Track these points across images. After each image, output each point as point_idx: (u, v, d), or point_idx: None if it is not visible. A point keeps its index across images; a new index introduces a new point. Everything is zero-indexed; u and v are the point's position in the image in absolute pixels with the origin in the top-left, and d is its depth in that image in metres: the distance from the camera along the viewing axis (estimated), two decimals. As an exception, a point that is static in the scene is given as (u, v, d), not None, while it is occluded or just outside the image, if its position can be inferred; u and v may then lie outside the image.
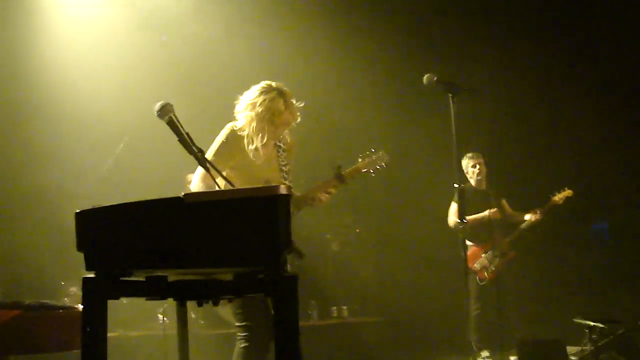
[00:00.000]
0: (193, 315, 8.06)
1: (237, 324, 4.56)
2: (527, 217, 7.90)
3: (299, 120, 4.64)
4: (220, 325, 7.94)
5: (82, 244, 2.51)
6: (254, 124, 4.47)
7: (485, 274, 7.71)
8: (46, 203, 8.00)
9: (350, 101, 9.40)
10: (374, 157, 5.22)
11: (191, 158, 3.79)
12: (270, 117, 4.47)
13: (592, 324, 6.12)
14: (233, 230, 2.46)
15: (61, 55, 8.45)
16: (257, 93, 4.52)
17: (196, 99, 8.20)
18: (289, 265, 3.84)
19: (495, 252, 7.78)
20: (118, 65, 8.60)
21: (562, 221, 8.90)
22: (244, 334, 4.51)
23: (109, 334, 2.55)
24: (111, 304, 6.66)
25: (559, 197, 7.88)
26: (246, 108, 4.51)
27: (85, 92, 8.50)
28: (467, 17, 9.53)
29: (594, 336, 6.05)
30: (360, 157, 5.19)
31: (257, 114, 4.46)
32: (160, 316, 8.19)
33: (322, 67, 9.17)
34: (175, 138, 3.72)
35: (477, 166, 7.90)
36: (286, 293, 2.52)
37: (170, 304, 8.11)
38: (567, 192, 7.91)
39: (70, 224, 2.57)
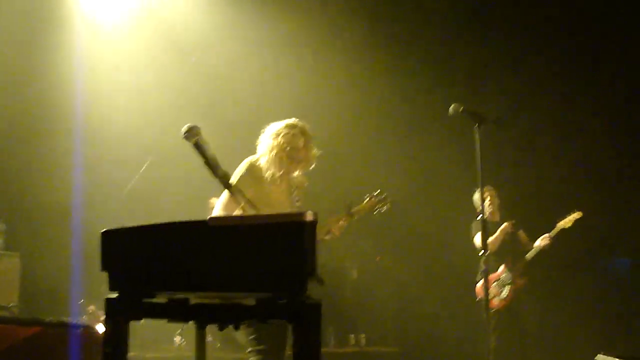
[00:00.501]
0: (210, 338, 8.05)
1: (250, 348, 4.59)
2: (536, 243, 7.79)
3: (313, 165, 4.88)
4: (237, 349, 7.91)
5: (106, 264, 2.51)
6: (274, 152, 4.67)
7: (496, 302, 7.61)
8: (67, 220, 8.04)
9: (373, 129, 9.42)
10: (376, 199, 5.79)
11: (213, 181, 3.82)
12: (290, 150, 4.69)
13: (615, 360, 6.01)
14: (258, 256, 2.45)
15: (90, 73, 8.51)
16: (283, 125, 4.76)
17: (220, 120, 8.24)
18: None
19: (506, 280, 7.70)
20: (146, 85, 8.68)
21: (585, 252, 8.82)
22: (256, 358, 4.54)
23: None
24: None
25: (565, 221, 7.76)
26: (270, 136, 4.73)
27: (111, 111, 8.59)
28: (488, 43, 9.52)
29: (617, 375, 5.94)
30: (367, 197, 5.76)
31: (279, 144, 4.68)
32: (177, 337, 8.23)
33: (346, 93, 9.20)
34: (201, 161, 3.75)
35: (489, 198, 7.82)
36: (309, 321, 2.50)
37: (188, 326, 8.15)
38: (576, 214, 7.75)
39: (91, 241, 2.57)
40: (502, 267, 7.71)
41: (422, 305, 9.33)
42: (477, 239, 7.65)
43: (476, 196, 7.80)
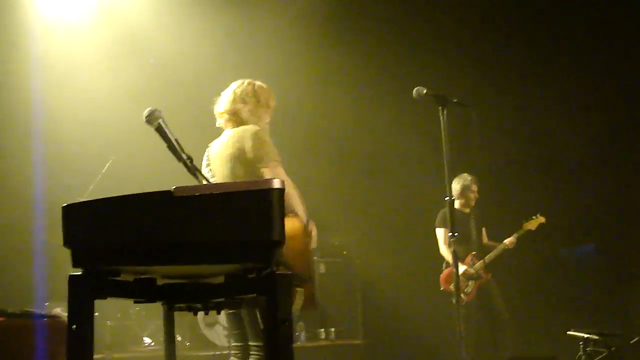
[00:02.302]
0: (179, 338, 7.98)
1: (235, 343, 4.54)
2: (496, 249, 7.86)
3: None
4: (207, 347, 7.85)
5: (68, 240, 2.42)
6: (266, 117, 4.65)
7: (462, 295, 7.62)
8: (29, 221, 7.92)
9: (339, 112, 9.39)
10: None
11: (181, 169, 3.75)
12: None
13: (586, 335, 6.05)
14: (225, 225, 2.39)
15: (47, 73, 8.38)
16: (265, 88, 4.71)
17: (180, 119, 8.15)
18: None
19: (471, 274, 7.72)
20: (104, 85, 8.58)
21: (548, 243, 8.88)
22: (239, 352, 4.50)
23: (94, 356, 2.45)
24: (96, 327, 6.57)
25: (530, 224, 7.87)
26: (265, 100, 4.64)
27: (70, 113, 8.46)
28: (460, 27, 9.54)
29: (588, 349, 5.98)
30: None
31: (267, 107, 4.66)
32: (147, 339, 8.13)
33: (311, 78, 9.16)
34: (164, 144, 3.68)
35: (475, 192, 7.90)
36: (281, 291, 2.44)
37: (156, 327, 8.06)
38: (540, 219, 7.92)
39: (52, 240, 2.49)
40: (468, 260, 7.73)
41: (391, 297, 9.32)
42: (438, 232, 7.70)
43: (462, 183, 7.83)
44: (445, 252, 7.68)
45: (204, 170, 4.60)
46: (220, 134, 4.72)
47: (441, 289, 7.79)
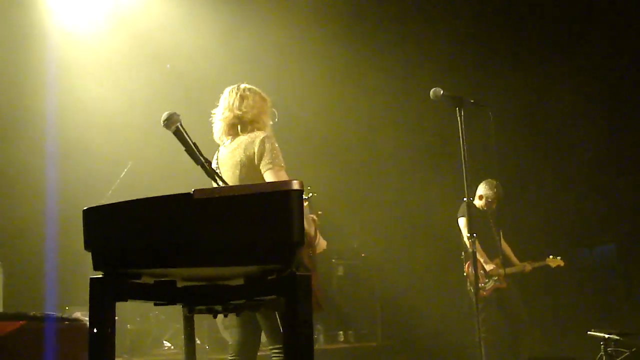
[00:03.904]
0: (198, 341, 7.98)
1: (231, 342, 4.68)
2: (516, 265, 7.89)
3: None
4: (226, 350, 7.83)
5: (89, 243, 2.43)
6: (269, 124, 4.61)
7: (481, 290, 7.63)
8: (45, 227, 7.96)
9: (356, 115, 9.39)
10: None
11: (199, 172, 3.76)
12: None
13: (607, 335, 6.00)
14: (245, 227, 2.39)
15: (64, 80, 8.44)
16: (265, 96, 4.67)
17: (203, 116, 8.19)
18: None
19: (493, 275, 7.71)
20: (121, 90, 8.62)
21: (568, 244, 8.85)
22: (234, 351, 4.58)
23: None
24: (116, 331, 6.60)
25: (552, 261, 7.94)
26: (266, 110, 4.62)
27: (87, 118, 8.51)
28: (473, 28, 9.51)
29: (609, 349, 5.94)
30: None
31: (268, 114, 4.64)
32: (167, 342, 8.16)
33: (327, 81, 9.17)
34: (183, 148, 3.70)
35: (500, 198, 7.93)
36: (301, 291, 2.44)
37: (176, 331, 8.09)
38: (560, 262, 8.01)
39: (69, 249, 2.50)
40: (496, 261, 7.71)
41: (409, 299, 9.30)
42: (461, 222, 7.67)
43: (491, 188, 7.84)
44: (468, 241, 7.67)
45: None
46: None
47: (464, 273, 7.77)
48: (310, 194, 5.21)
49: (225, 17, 8.93)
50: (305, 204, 5.01)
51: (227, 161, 4.50)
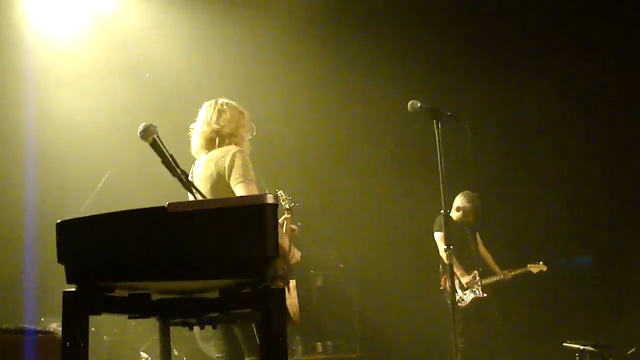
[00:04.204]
0: (176, 352, 7.95)
1: (217, 354, 4.69)
2: (497, 275, 7.95)
3: None
4: (203, 361, 7.83)
5: (63, 256, 2.43)
6: (246, 140, 4.65)
7: (459, 303, 7.67)
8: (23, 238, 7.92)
9: (333, 124, 9.40)
10: None
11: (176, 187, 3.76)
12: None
13: (582, 347, 6.06)
14: (219, 241, 2.40)
15: (42, 89, 8.39)
16: (242, 110, 4.71)
17: (179, 128, 8.18)
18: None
19: (472, 287, 7.74)
20: (99, 99, 8.59)
21: (546, 254, 8.89)
22: None
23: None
24: (93, 342, 6.54)
25: (534, 267, 7.98)
26: (244, 124, 4.66)
27: (65, 127, 8.47)
28: (451, 39, 9.56)
29: (583, 361, 6.00)
30: None
31: (244, 131, 4.67)
32: (144, 353, 8.10)
33: (304, 91, 9.18)
34: (159, 159, 3.69)
35: (478, 210, 7.97)
36: (275, 305, 2.45)
37: (152, 341, 8.04)
38: (542, 267, 8.05)
39: (47, 257, 2.49)
40: (472, 274, 7.74)
41: (388, 310, 9.31)
42: (437, 236, 7.71)
43: (467, 201, 7.88)
44: (444, 255, 7.70)
45: None
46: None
47: (441, 287, 7.80)
48: (293, 204, 5.24)
49: (203, 27, 8.91)
50: (289, 215, 5.07)
51: (200, 174, 4.51)
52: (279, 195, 5.22)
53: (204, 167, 4.50)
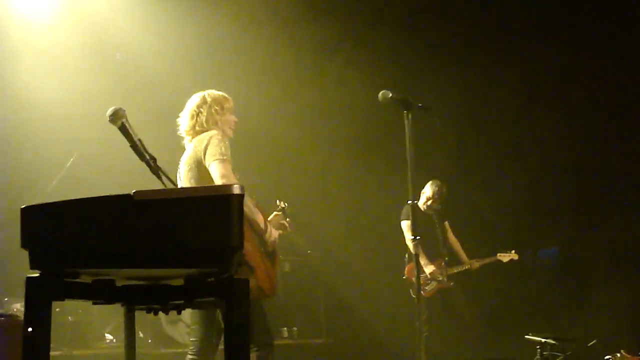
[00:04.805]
0: (142, 335, 7.94)
1: (192, 338, 4.76)
2: (464, 264, 8.02)
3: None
4: (169, 345, 7.84)
5: (26, 241, 2.41)
6: (228, 126, 4.78)
7: (422, 292, 7.73)
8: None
9: (301, 116, 9.40)
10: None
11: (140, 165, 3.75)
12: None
13: (543, 340, 6.14)
14: (184, 230, 2.39)
15: (10, 66, 8.31)
16: (217, 93, 4.83)
17: (150, 111, 8.14)
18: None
19: (435, 277, 7.81)
20: (69, 80, 8.50)
21: (512, 246, 8.98)
22: (195, 348, 4.69)
23: (54, 352, 2.44)
24: (57, 323, 6.52)
25: (504, 257, 8.03)
26: (223, 111, 4.76)
27: (33, 107, 8.38)
28: (426, 30, 9.58)
29: (545, 353, 6.07)
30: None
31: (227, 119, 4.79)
32: (109, 335, 8.09)
33: (275, 76, 9.17)
34: (128, 143, 3.69)
35: (444, 197, 8.02)
36: (237, 295, 2.46)
37: (118, 323, 8.02)
38: (514, 255, 8.10)
39: (11, 239, 2.47)
40: (438, 263, 7.80)
41: (354, 297, 9.37)
42: (404, 224, 7.75)
43: (433, 187, 7.93)
44: (411, 244, 7.76)
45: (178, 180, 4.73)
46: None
47: (404, 277, 7.85)
48: (284, 205, 5.31)
49: (176, 8, 8.86)
50: (279, 213, 5.15)
51: (183, 161, 4.68)
52: (278, 203, 5.32)
53: (186, 153, 4.67)
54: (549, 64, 9.42)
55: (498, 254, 8.10)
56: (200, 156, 4.48)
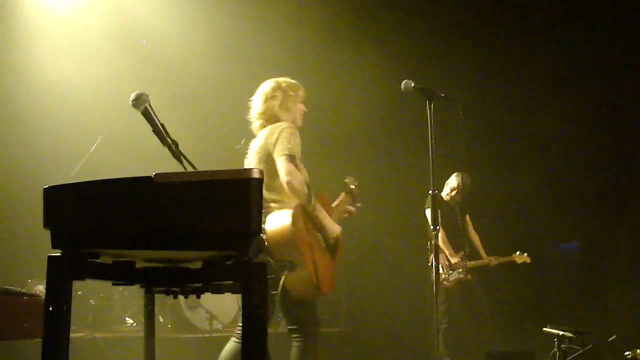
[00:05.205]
0: (161, 320, 8.02)
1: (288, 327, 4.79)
2: (483, 259, 8.02)
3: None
4: (188, 330, 7.89)
5: (48, 221, 2.45)
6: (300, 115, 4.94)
7: (444, 282, 7.74)
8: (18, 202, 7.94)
9: (323, 106, 9.40)
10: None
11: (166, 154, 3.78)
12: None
13: (561, 333, 6.11)
14: (203, 213, 2.41)
15: (38, 54, 8.39)
16: (291, 81, 4.96)
17: (173, 97, 8.20)
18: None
19: (458, 268, 7.81)
20: (95, 65, 8.58)
21: (533, 239, 8.96)
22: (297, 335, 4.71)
23: (75, 335, 2.48)
24: (79, 306, 6.58)
25: (518, 257, 8.04)
26: (297, 98, 4.90)
27: (60, 92, 8.46)
28: (448, 21, 9.55)
29: (562, 346, 6.05)
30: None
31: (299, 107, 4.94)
32: (129, 319, 8.17)
33: (296, 68, 9.16)
34: (150, 128, 3.72)
35: (467, 187, 8.02)
36: (255, 278, 2.49)
37: (138, 308, 8.09)
38: (526, 259, 8.17)
39: (39, 222, 2.50)
40: (460, 255, 7.80)
41: (374, 286, 9.37)
42: (427, 213, 7.76)
43: (458, 179, 7.94)
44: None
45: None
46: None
47: (429, 264, 7.86)
48: (354, 186, 5.34)
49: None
50: (346, 196, 5.16)
51: (253, 149, 4.75)
52: (347, 181, 5.47)
53: (256, 143, 4.74)
54: (570, 56, 9.36)
55: (513, 255, 8.11)
56: (271, 149, 4.56)
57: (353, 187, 5.42)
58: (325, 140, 9.56)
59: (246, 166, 4.77)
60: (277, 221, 4.38)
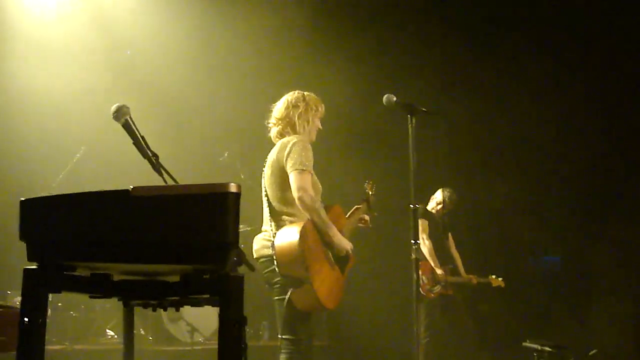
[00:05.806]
0: (142, 332, 7.98)
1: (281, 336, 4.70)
2: (463, 277, 8.07)
3: None
4: (170, 342, 7.87)
5: (24, 234, 2.45)
6: (312, 133, 4.89)
7: (425, 293, 7.77)
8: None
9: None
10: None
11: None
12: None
13: (540, 347, 6.14)
14: (181, 226, 2.42)
15: (20, 61, 8.37)
16: (314, 96, 4.98)
17: (154, 109, 8.20)
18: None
19: (441, 282, 7.83)
20: (78, 74, 8.56)
21: (514, 252, 8.98)
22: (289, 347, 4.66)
23: (55, 347, 2.47)
24: (60, 317, 6.52)
25: (494, 281, 8.11)
26: (317, 114, 4.90)
27: (41, 101, 8.45)
28: (430, 35, 9.59)
29: (541, 361, 6.08)
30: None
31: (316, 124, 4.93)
32: (110, 331, 8.13)
33: (276, 79, 9.18)
34: (131, 140, 3.72)
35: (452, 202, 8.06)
36: (232, 292, 2.49)
37: (119, 320, 8.05)
38: (501, 283, 8.21)
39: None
40: (443, 269, 7.82)
41: (356, 299, 9.34)
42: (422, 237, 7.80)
43: (446, 194, 7.98)
44: (421, 243, 7.78)
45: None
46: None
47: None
48: (371, 192, 5.34)
49: (189, 7, 8.92)
50: (361, 205, 5.16)
51: (269, 161, 4.74)
52: (366, 185, 5.55)
53: (270, 155, 4.74)
54: (555, 75, 9.43)
55: (490, 277, 8.15)
56: (283, 163, 4.57)
57: (370, 192, 5.37)
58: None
59: (262, 177, 4.77)
60: (286, 237, 4.39)
